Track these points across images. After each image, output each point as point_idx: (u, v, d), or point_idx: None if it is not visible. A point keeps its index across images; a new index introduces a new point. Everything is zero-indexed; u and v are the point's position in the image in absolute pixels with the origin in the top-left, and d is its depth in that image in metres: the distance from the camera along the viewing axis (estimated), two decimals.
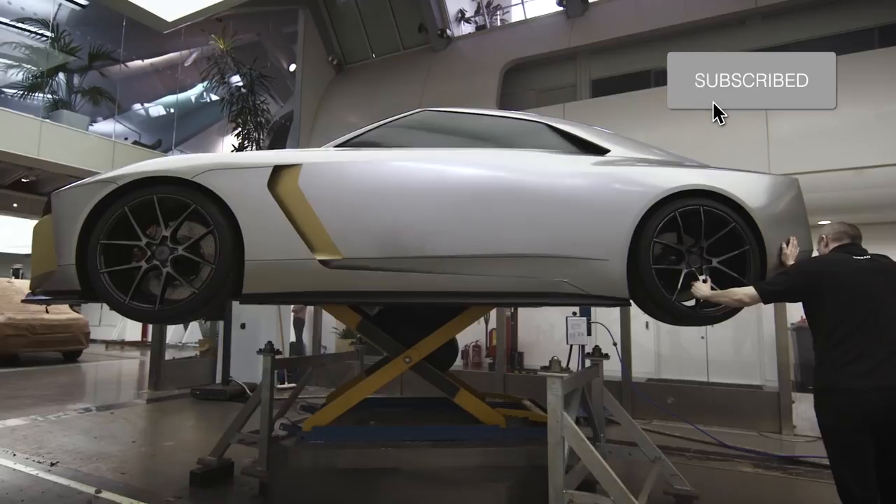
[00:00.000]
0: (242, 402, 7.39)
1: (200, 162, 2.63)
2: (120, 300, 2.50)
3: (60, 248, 2.54)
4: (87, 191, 2.61)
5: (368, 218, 2.60)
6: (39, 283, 2.73)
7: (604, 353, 3.93)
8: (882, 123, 7.30)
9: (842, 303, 2.50)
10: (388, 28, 12.51)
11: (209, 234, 2.56)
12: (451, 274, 2.61)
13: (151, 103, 15.78)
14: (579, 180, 2.93)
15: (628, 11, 10.36)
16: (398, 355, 3.21)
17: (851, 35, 8.75)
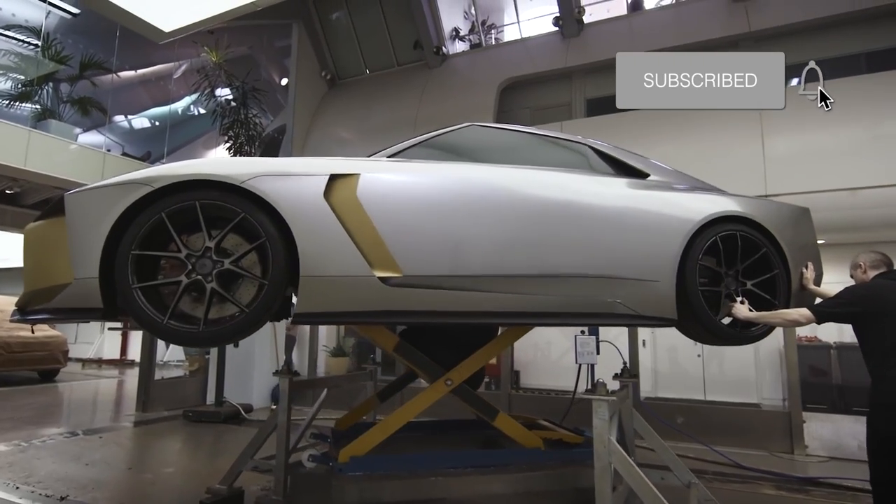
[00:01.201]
0: (237, 424, 7.14)
1: (252, 166, 2.36)
2: (156, 320, 2.20)
3: (79, 258, 2.21)
4: (114, 193, 2.30)
5: (430, 233, 2.47)
6: (40, 299, 2.35)
7: (633, 374, 3.85)
8: (875, 145, 7.49)
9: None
10: (383, 44, 12.50)
11: (247, 248, 2.30)
12: (510, 294, 2.55)
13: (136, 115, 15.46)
14: (631, 203, 3.02)
15: (622, 33, 10.54)
16: (439, 378, 3.07)
17: (840, 60, 9.01)
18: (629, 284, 2.89)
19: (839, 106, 7.99)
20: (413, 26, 11.83)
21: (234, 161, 2.48)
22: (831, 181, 7.62)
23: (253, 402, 7.90)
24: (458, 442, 3.90)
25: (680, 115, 9.26)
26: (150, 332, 2.34)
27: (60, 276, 2.24)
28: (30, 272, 2.46)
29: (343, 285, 2.28)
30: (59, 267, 2.26)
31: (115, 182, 2.35)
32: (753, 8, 9.24)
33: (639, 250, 2.94)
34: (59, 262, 2.26)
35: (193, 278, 2.27)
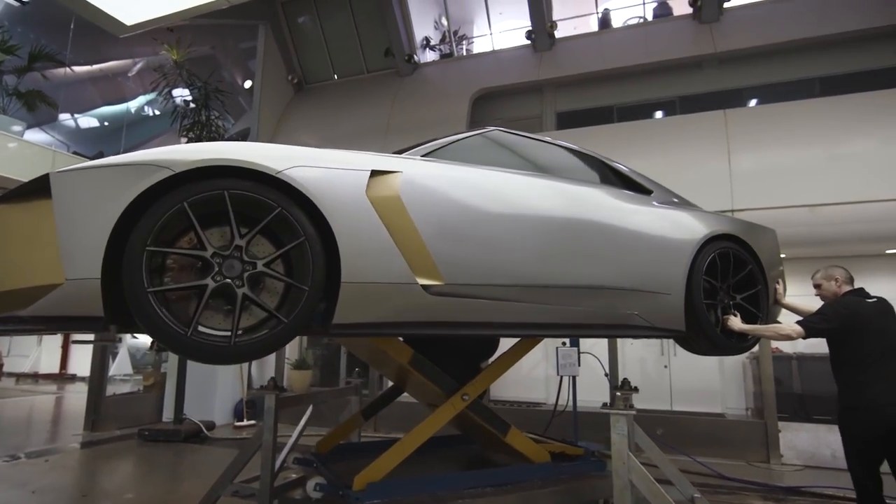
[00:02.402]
0: (199, 443, 6.69)
1: (288, 154, 2.06)
2: (178, 333, 1.80)
3: (74, 253, 1.76)
4: (122, 175, 1.86)
5: (472, 240, 2.31)
6: (6, 304, 1.84)
7: (633, 386, 3.79)
8: (833, 165, 7.85)
9: (868, 339, 3.18)
10: (353, 50, 12.30)
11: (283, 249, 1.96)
12: (544, 305, 2.47)
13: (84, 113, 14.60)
14: (646, 218, 3.15)
15: (592, 49, 10.75)
16: (455, 392, 2.90)
17: (795, 83, 9.48)
18: (646, 297, 2.97)
19: (799, 127, 8.42)
20: (384, 33, 11.70)
21: (267, 147, 2.10)
22: (792, 198, 7.93)
23: (215, 418, 7.44)
24: (453, 459, 3.75)
25: (649, 130, 9.50)
26: (167, 347, 1.90)
27: (41, 275, 1.78)
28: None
29: (385, 293, 2.05)
30: (37, 263, 1.80)
31: (121, 162, 1.91)
32: (718, 31, 9.60)
33: (654, 263, 3.05)
34: (36, 258, 1.81)
35: (221, 282, 1.90)
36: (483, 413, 3.05)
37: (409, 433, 2.69)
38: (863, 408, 3.11)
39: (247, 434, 7.19)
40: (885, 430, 3.02)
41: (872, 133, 7.93)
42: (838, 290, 3.45)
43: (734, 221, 3.75)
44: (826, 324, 3.25)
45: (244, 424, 7.56)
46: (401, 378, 3.80)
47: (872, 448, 3.08)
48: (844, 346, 3.26)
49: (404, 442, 2.67)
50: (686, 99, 10.13)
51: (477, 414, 2.99)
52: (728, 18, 9.71)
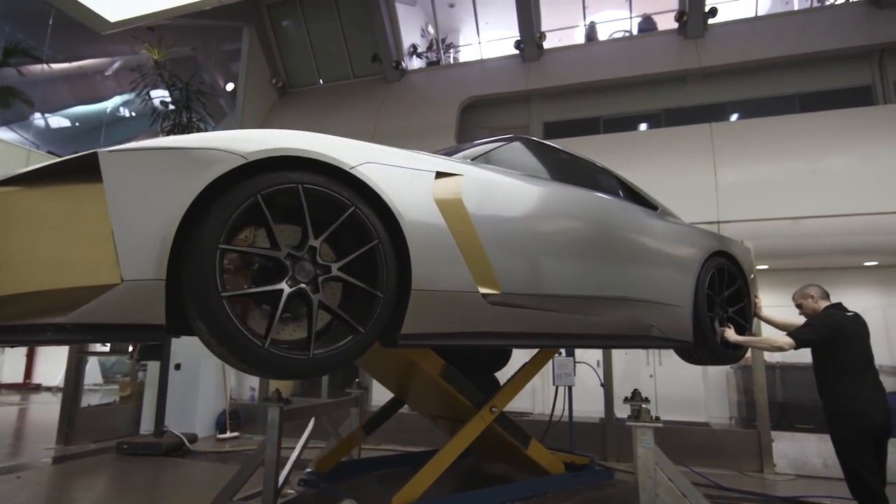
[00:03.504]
0: (181, 456, 6.42)
1: (359, 149, 1.91)
2: (253, 344, 1.59)
3: (134, 250, 1.49)
4: (187, 160, 1.61)
5: (527, 248, 2.26)
6: (38, 308, 1.51)
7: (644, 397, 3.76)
8: (814, 179, 8.06)
9: (850, 349, 3.42)
10: (339, 55, 12.17)
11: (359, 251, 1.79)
12: (578, 315, 2.43)
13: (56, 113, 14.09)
14: (662, 233, 3.27)
15: (579, 61, 10.86)
16: (484, 405, 2.81)
17: (775, 99, 9.74)
18: (663, 309, 3.07)
19: (782, 141, 8.62)
20: (371, 39, 11.62)
21: (335, 140, 1.93)
22: (776, 210, 8.11)
23: (197, 430, 7.16)
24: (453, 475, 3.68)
25: (637, 142, 9.63)
26: (238, 360, 1.64)
27: (86, 273, 1.49)
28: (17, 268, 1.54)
29: (450, 301, 1.94)
30: (81, 259, 1.51)
31: (181, 145, 1.65)
32: (703, 47, 9.81)
33: (670, 277, 3.21)
34: (80, 253, 1.52)
35: (295, 287, 1.70)
36: (508, 425, 2.98)
37: (442, 450, 2.59)
38: (851, 413, 3.34)
39: (230, 447, 6.94)
40: (873, 432, 3.31)
41: (851, 149, 8.18)
42: (816, 306, 3.71)
43: (724, 238, 4.01)
44: (814, 335, 3.47)
45: (227, 437, 7.30)
46: (403, 389, 3.70)
47: (867, 447, 3.31)
48: (829, 357, 3.48)
49: (438, 459, 2.57)
50: (670, 112, 10.30)
51: (502, 426, 2.92)
52: (712, 34, 9.94)
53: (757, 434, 5.85)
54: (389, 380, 3.53)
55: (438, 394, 2.82)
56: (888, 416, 3.32)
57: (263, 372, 1.70)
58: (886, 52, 9.11)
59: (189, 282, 1.56)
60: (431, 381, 2.69)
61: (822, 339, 3.46)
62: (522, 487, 2.93)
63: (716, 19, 9.89)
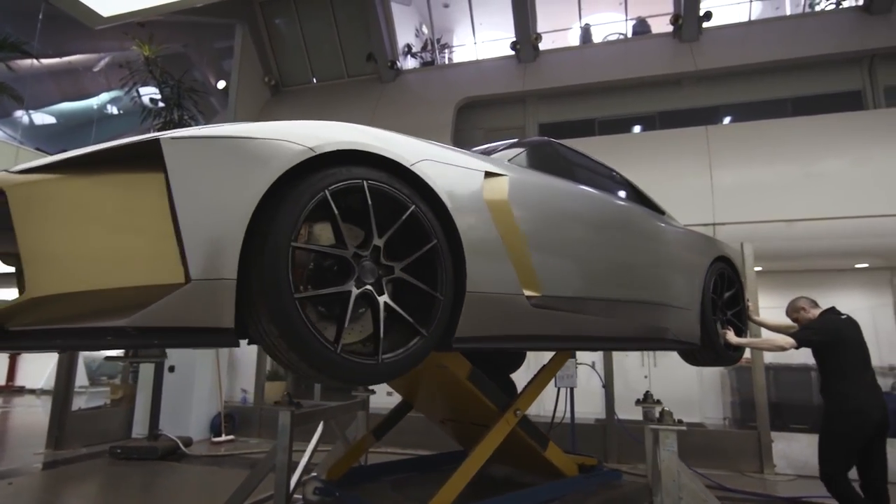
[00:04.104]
0: (176, 460, 6.30)
1: (416, 146, 1.84)
2: (326, 349, 1.50)
3: (203, 246, 1.37)
4: (254, 150, 1.50)
5: (566, 251, 2.25)
6: (101, 310, 1.37)
7: (656, 399, 3.77)
8: (808, 182, 8.16)
9: (848, 350, 3.59)
10: (333, 53, 12.08)
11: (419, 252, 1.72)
12: (606, 318, 2.41)
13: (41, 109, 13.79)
14: (674, 238, 3.35)
15: (575, 63, 10.90)
16: (508, 408, 2.78)
17: (768, 103, 9.86)
18: (677, 312, 3.14)
19: (777, 145, 8.71)
20: (366, 38, 11.55)
21: (391, 134, 1.84)
22: (771, 213, 8.19)
23: (191, 433, 7.02)
24: None
25: (633, 144, 9.68)
26: (308, 366, 1.53)
27: (147, 272, 1.36)
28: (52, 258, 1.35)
29: (499, 303, 1.90)
30: (139, 257, 1.37)
31: (248, 135, 1.53)
32: (698, 50, 9.89)
33: (684, 281, 3.30)
34: (136, 249, 1.38)
35: (362, 288, 1.61)
36: (529, 428, 2.95)
37: (471, 455, 2.54)
38: (852, 412, 3.49)
39: (225, 450, 6.82)
40: (872, 429, 3.47)
41: (843, 153, 8.30)
42: (810, 315, 3.86)
43: (722, 243, 4.16)
44: (815, 336, 3.63)
45: (222, 440, 7.17)
46: (414, 392, 3.65)
47: (856, 445, 3.51)
48: (830, 358, 3.64)
49: (468, 464, 2.51)
50: (665, 114, 10.38)
51: (523, 428, 2.89)
52: (706, 38, 10.03)
53: (757, 435, 5.88)
54: (402, 383, 3.47)
55: (460, 397, 2.77)
56: (885, 414, 3.51)
57: (333, 378, 1.59)
58: (877, 57, 9.27)
59: (259, 282, 1.45)
60: (456, 384, 2.65)
61: (822, 342, 3.62)
62: (547, 490, 2.93)
63: (710, 23, 9.98)
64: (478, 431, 3.14)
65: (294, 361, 1.53)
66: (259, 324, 1.49)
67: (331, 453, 4.08)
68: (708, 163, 8.70)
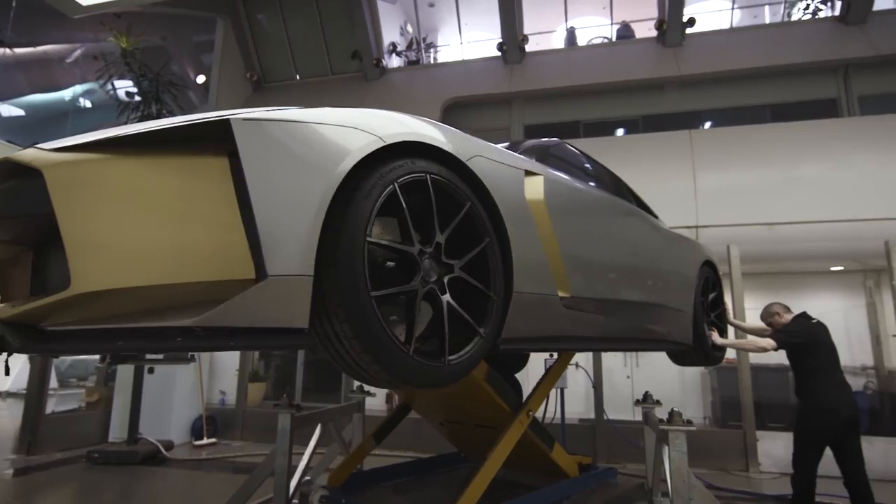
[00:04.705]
0: (157, 465, 6.10)
1: (468, 141, 1.79)
2: (400, 351, 1.43)
3: (278, 239, 1.26)
4: (330, 138, 1.41)
5: (592, 252, 2.27)
6: (166, 307, 1.22)
7: (655, 399, 3.80)
8: (788, 186, 8.36)
9: (820, 352, 3.83)
10: (317, 50, 11.91)
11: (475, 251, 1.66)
12: (621, 319, 2.47)
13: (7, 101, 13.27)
14: (671, 241, 3.44)
15: (561, 65, 10.97)
16: (521, 409, 2.74)
17: (748, 109, 10.08)
18: (677, 314, 3.24)
19: (759, 149, 8.90)
20: (351, 35, 11.42)
21: (444, 127, 1.77)
22: (752, 216, 8.37)
23: (172, 437, 6.82)
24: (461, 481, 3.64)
25: (618, 147, 9.77)
26: (381, 368, 1.43)
27: (215, 267, 1.22)
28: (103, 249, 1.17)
29: (538, 304, 1.86)
30: (204, 249, 1.23)
31: (321, 121, 1.43)
32: (681, 55, 10.05)
33: (681, 284, 3.39)
34: (200, 241, 1.23)
35: (427, 287, 1.54)
36: (538, 429, 2.93)
37: (490, 458, 2.50)
38: (823, 409, 3.73)
39: (207, 454, 6.64)
40: (840, 426, 3.70)
41: (821, 159, 8.53)
42: (784, 319, 4.10)
43: (706, 248, 4.30)
44: (793, 338, 3.86)
45: (204, 443, 6.98)
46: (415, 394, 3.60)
47: (826, 441, 3.75)
48: (804, 359, 3.87)
49: (486, 469, 2.47)
50: (648, 118, 10.52)
51: (534, 430, 2.86)
52: (689, 44, 10.20)
53: (742, 434, 5.99)
54: None
55: (471, 398, 2.73)
56: (855, 412, 3.76)
57: (403, 382, 1.49)
58: (851, 67, 9.55)
59: (334, 280, 1.34)
60: (471, 385, 2.61)
61: (799, 344, 3.84)
62: (557, 490, 2.95)
63: (693, 29, 10.15)
64: (482, 433, 3.11)
65: (365, 364, 1.43)
66: (330, 324, 1.39)
67: (326, 456, 3.99)
68: (691, 166, 8.84)
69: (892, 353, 8.59)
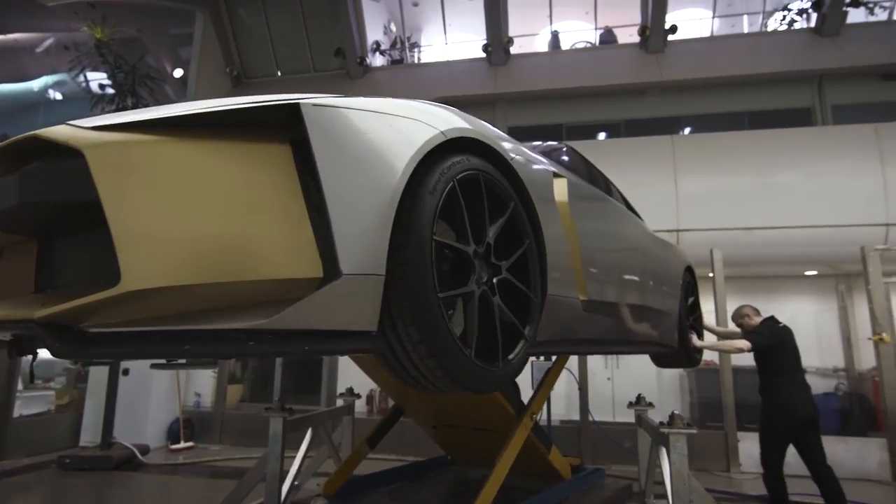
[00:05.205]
0: (133, 470, 5.91)
1: (505, 139, 1.75)
2: (463, 354, 1.36)
3: (352, 235, 1.17)
4: (398, 129, 1.36)
5: (604, 255, 2.28)
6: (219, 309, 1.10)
7: (648, 402, 3.84)
8: (765, 192, 8.55)
9: (786, 354, 4.09)
10: (300, 46, 11.73)
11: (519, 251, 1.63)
12: (625, 322, 2.49)
13: None
14: (659, 244, 3.50)
15: (545, 68, 11.03)
16: (525, 412, 2.71)
17: (727, 116, 10.29)
18: (666, 317, 3.31)
19: (738, 155, 9.08)
20: (335, 32, 11.28)
21: (484, 124, 1.73)
22: (731, 221, 8.53)
23: (148, 441, 6.61)
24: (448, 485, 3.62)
25: (601, 150, 9.86)
26: (444, 373, 1.36)
27: (281, 263, 1.11)
28: (158, 242, 1.04)
29: (565, 307, 1.83)
30: (268, 244, 1.12)
31: (388, 111, 1.38)
32: (663, 61, 10.20)
33: (669, 287, 3.44)
34: (263, 235, 1.12)
35: (481, 289, 1.48)
36: (538, 431, 2.92)
37: (499, 464, 2.45)
38: (784, 407, 4.00)
39: (185, 458, 6.46)
40: (799, 424, 3.96)
41: (797, 166, 8.74)
42: (752, 322, 4.33)
43: (685, 253, 4.45)
44: (764, 340, 4.07)
45: (181, 447, 6.78)
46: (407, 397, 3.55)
47: (787, 438, 4.02)
48: (770, 360, 4.11)
49: (496, 474, 2.42)
50: (630, 122, 10.65)
51: (534, 433, 2.84)
52: (671, 50, 10.36)
53: (724, 435, 6.09)
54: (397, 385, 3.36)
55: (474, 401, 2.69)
56: (814, 411, 4.03)
57: (463, 387, 1.42)
58: (825, 77, 9.83)
59: (404, 279, 1.26)
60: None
61: (769, 346, 4.06)
62: (557, 493, 2.95)
63: (675, 36, 10.31)
64: (478, 437, 3.07)
65: (428, 369, 1.35)
66: (394, 327, 1.31)
67: (315, 460, 3.90)
68: (673, 171, 8.97)
69: (862, 355, 8.86)
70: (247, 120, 1.24)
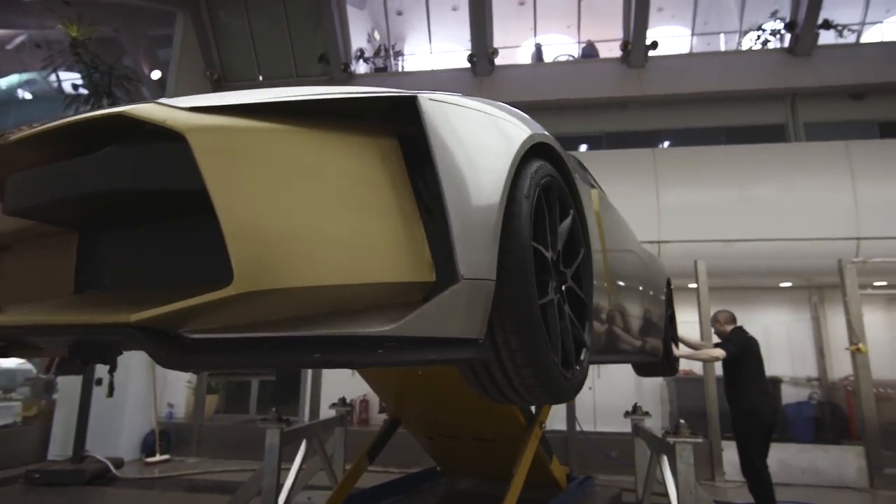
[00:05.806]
0: (106, 484, 5.66)
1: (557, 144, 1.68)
2: (555, 364, 1.31)
3: (471, 238, 1.11)
4: (501, 129, 1.33)
5: (622, 267, 2.33)
6: (352, 310, 1.01)
7: (645, 411, 3.85)
8: (743, 205, 8.77)
9: (753, 362, 4.36)
10: (282, 51, 11.60)
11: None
12: (630, 331, 2.48)
13: None
14: (650, 256, 3.61)
15: (528, 80, 11.15)
16: (535, 422, 2.67)
17: (705, 131, 10.55)
18: (655, 327, 3.35)
19: (716, 169, 9.30)
20: (318, 37, 11.20)
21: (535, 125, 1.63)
22: (710, 233, 8.72)
23: (122, 454, 6.35)
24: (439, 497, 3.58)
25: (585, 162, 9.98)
26: (538, 383, 1.29)
27: (398, 265, 1.04)
28: (276, 240, 0.93)
29: (599, 316, 1.84)
30: (383, 245, 1.04)
31: (488, 111, 1.33)
32: (644, 76, 10.41)
33: (658, 298, 3.50)
34: (377, 235, 1.04)
35: (557, 297, 1.42)
36: (543, 441, 2.89)
37: (517, 475, 2.40)
38: (750, 412, 4.25)
39: (160, 472, 6.22)
40: (765, 428, 4.24)
41: (772, 180, 8.99)
42: (724, 329, 4.60)
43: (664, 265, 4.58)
44: (736, 348, 4.35)
45: (157, 460, 6.54)
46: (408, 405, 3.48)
47: (760, 438, 4.25)
48: (739, 368, 4.35)
49: (515, 485, 2.37)
50: (611, 135, 10.83)
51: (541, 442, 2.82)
52: (652, 65, 10.59)
53: (708, 444, 6.16)
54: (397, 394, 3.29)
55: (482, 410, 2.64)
56: (774, 419, 4.38)
57: (552, 397, 1.38)
58: (798, 95, 10.18)
59: (509, 285, 1.20)
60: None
61: (740, 354, 4.34)
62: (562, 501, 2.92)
63: (656, 52, 10.54)
64: (478, 447, 3.02)
65: (523, 379, 1.28)
66: (495, 335, 1.24)
67: (307, 472, 3.79)
68: (655, 183, 9.13)
69: (834, 364, 9.10)
70: (350, 111, 1.15)
